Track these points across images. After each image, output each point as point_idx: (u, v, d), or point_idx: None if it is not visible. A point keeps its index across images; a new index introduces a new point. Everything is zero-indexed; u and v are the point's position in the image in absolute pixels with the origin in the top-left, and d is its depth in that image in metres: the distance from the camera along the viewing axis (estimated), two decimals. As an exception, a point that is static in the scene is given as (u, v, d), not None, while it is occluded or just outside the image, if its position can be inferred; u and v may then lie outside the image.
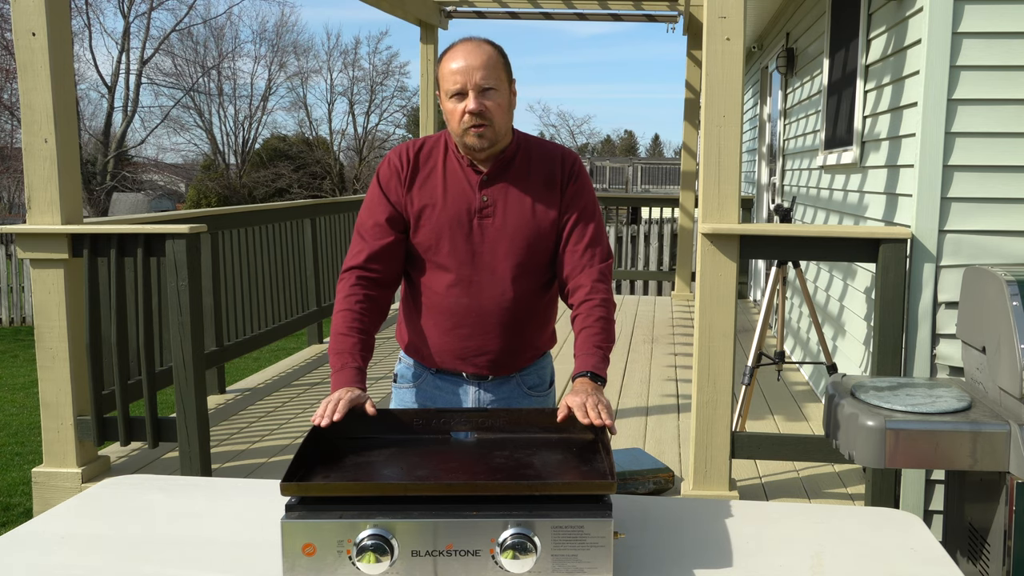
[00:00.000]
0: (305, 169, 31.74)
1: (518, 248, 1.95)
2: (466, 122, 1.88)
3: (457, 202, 1.95)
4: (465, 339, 1.98)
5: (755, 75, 9.30)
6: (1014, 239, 3.22)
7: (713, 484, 3.37)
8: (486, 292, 1.95)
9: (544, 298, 2.04)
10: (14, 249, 11.41)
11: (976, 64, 3.18)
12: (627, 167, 27.47)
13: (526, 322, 2.01)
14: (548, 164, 2.01)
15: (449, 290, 1.96)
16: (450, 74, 1.87)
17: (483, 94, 1.87)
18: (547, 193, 1.98)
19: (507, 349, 2.00)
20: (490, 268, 1.95)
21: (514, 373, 2.06)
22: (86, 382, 3.63)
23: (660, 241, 12.05)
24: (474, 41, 1.91)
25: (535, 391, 2.10)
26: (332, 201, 6.70)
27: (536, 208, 1.97)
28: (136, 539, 1.55)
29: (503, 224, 1.95)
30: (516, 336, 2.00)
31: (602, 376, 1.83)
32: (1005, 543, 2.50)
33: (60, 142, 3.50)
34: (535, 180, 1.99)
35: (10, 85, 22.90)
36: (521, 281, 1.97)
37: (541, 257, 1.99)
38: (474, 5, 7.75)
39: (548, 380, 2.15)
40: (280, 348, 9.50)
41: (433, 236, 1.96)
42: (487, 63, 1.88)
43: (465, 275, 1.95)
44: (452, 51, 1.91)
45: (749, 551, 1.51)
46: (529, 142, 2.03)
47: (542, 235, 1.97)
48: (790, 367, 5.73)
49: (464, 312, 1.96)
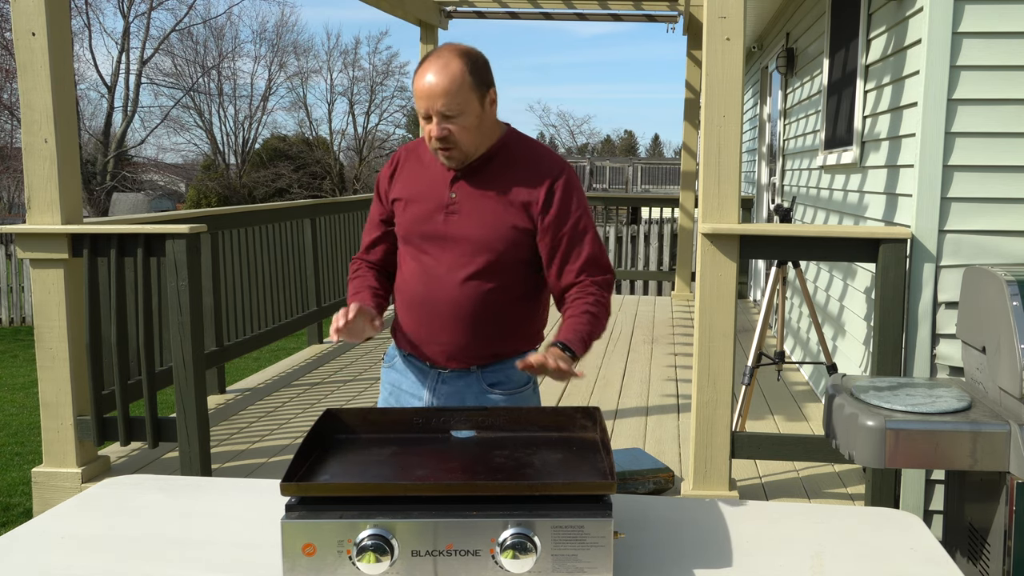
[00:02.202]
0: (305, 169, 31.75)
1: (478, 247, 1.96)
2: (433, 144, 1.93)
3: (429, 196, 2.01)
4: (419, 326, 2.04)
5: (755, 75, 9.30)
6: (1014, 239, 3.22)
7: (713, 484, 3.37)
8: (441, 284, 1.99)
9: (513, 306, 2.02)
10: (14, 249, 11.41)
11: (976, 64, 3.18)
12: (627, 167, 27.47)
13: (484, 319, 1.99)
14: (530, 174, 1.98)
15: (413, 278, 2.04)
16: (417, 94, 1.89)
17: (446, 119, 1.88)
18: (515, 203, 1.96)
19: (459, 343, 2.01)
20: (448, 262, 1.98)
21: (474, 368, 2.04)
22: (86, 382, 3.63)
23: (660, 241, 12.05)
24: (443, 58, 1.87)
25: (499, 389, 2.04)
26: (332, 201, 6.70)
27: (503, 214, 1.95)
28: (136, 539, 1.55)
29: (466, 222, 1.97)
30: (469, 332, 1.99)
31: (572, 349, 1.86)
32: (1005, 543, 2.50)
33: (60, 142, 3.50)
34: (510, 187, 1.97)
35: (10, 85, 22.90)
36: (480, 279, 1.96)
37: (505, 262, 1.97)
38: (474, 5, 7.75)
39: (519, 380, 2.07)
40: (280, 348, 9.50)
41: (406, 226, 2.04)
42: (449, 88, 1.85)
43: (427, 266, 2.01)
44: (422, 68, 1.89)
45: (749, 551, 1.51)
46: (518, 146, 2.01)
47: (506, 240, 1.95)
48: (790, 367, 5.73)
49: (420, 300, 2.02)
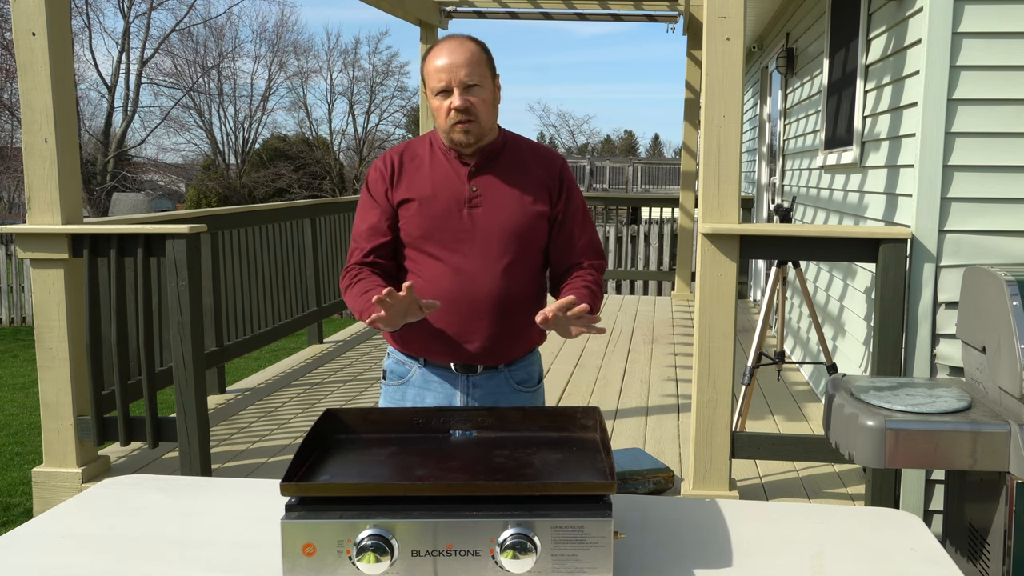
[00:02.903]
0: (305, 169, 31.74)
1: (509, 236, 1.99)
2: (452, 118, 1.93)
3: (446, 193, 2.00)
4: (456, 326, 2.01)
5: (755, 75, 9.30)
6: (1014, 239, 3.22)
7: (713, 484, 3.37)
8: (478, 279, 1.98)
9: (533, 290, 2.08)
10: (14, 249, 11.40)
11: (976, 64, 3.18)
12: (627, 167, 27.46)
13: (516, 310, 2.03)
14: (538, 161, 2.07)
15: (441, 279, 1.99)
16: (435, 72, 1.92)
17: (468, 90, 1.92)
18: (537, 188, 2.03)
19: (497, 337, 2.02)
20: (482, 256, 1.98)
21: (502, 367, 2.07)
22: (86, 382, 3.63)
23: (660, 241, 12.05)
24: (457, 39, 1.96)
25: (524, 387, 2.12)
26: (332, 201, 6.69)
27: (524, 199, 2.01)
28: (136, 539, 1.55)
29: (493, 213, 1.99)
30: (506, 324, 2.02)
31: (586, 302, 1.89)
32: (1005, 543, 2.50)
33: (60, 142, 3.50)
34: (524, 174, 2.04)
35: (10, 85, 22.89)
36: (512, 269, 2.00)
37: (531, 246, 2.03)
38: (474, 5, 7.75)
39: (536, 376, 2.17)
40: (280, 348, 9.50)
41: (424, 227, 2.00)
42: (470, 60, 1.92)
43: (456, 263, 1.99)
44: (436, 49, 1.95)
45: (749, 551, 1.51)
46: (517, 139, 2.10)
47: (531, 226, 2.02)
48: (790, 367, 5.73)
49: (456, 300, 1.99)
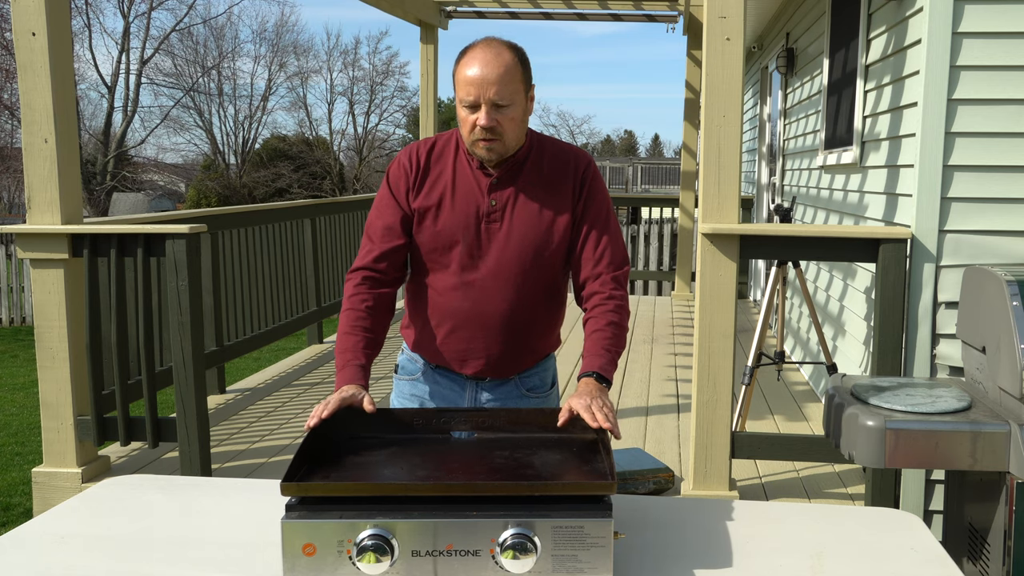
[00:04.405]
0: (305, 169, 31.74)
1: (523, 255, 1.91)
2: (476, 134, 1.83)
3: (465, 205, 1.91)
4: (465, 341, 1.96)
5: (755, 75, 9.30)
6: (1014, 239, 3.22)
7: (713, 484, 3.37)
8: (488, 297, 1.92)
9: (549, 305, 2.01)
10: (14, 249, 11.40)
11: (976, 64, 3.18)
12: (627, 167, 27.47)
13: (528, 328, 1.98)
14: (561, 168, 1.95)
15: (452, 292, 1.94)
16: (465, 82, 1.80)
17: (496, 110, 1.81)
18: (558, 199, 1.93)
19: (506, 354, 1.98)
20: (494, 273, 1.91)
21: (513, 376, 2.05)
22: (86, 382, 3.63)
23: (660, 241, 12.04)
24: (494, 48, 1.82)
25: (534, 392, 2.08)
26: (332, 201, 6.70)
27: (544, 214, 1.92)
28: (136, 539, 1.55)
29: (510, 229, 1.91)
30: (516, 341, 1.98)
31: (608, 378, 1.80)
32: (1005, 543, 2.50)
33: (60, 142, 3.50)
34: (546, 185, 1.93)
35: (10, 85, 22.89)
36: (525, 288, 1.93)
37: (548, 264, 1.94)
38: (474, 5, 7.75)
39: (549, 382, 2.13)
40: (280, 348, 9.50)
41: (439, 238, 1.92)
42: (503, 77, 1.79)
43: (468, 278, 1.92)
44: (470, 54, 1.82)
45: (749, 551, 1.51)
46: (543, 144, 1.98)
47: (550, 242, 1.93)
48: (790, 367, 5.73)
49: (465, 315, 1.94)
